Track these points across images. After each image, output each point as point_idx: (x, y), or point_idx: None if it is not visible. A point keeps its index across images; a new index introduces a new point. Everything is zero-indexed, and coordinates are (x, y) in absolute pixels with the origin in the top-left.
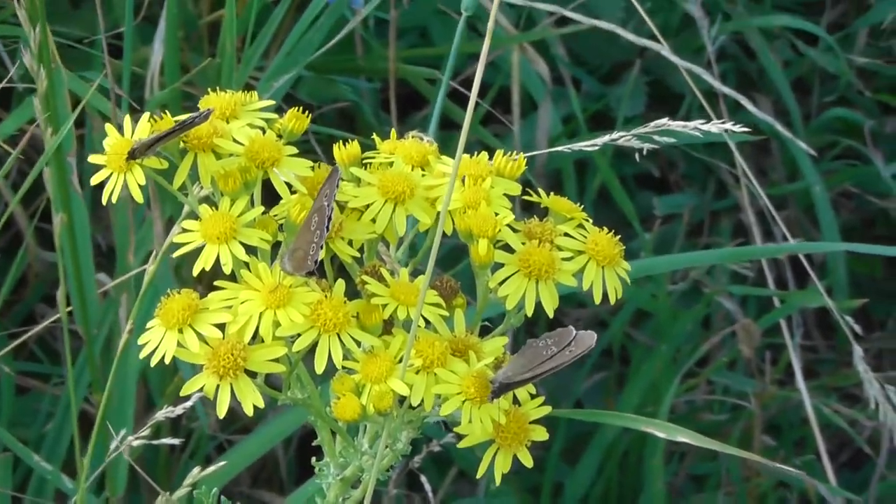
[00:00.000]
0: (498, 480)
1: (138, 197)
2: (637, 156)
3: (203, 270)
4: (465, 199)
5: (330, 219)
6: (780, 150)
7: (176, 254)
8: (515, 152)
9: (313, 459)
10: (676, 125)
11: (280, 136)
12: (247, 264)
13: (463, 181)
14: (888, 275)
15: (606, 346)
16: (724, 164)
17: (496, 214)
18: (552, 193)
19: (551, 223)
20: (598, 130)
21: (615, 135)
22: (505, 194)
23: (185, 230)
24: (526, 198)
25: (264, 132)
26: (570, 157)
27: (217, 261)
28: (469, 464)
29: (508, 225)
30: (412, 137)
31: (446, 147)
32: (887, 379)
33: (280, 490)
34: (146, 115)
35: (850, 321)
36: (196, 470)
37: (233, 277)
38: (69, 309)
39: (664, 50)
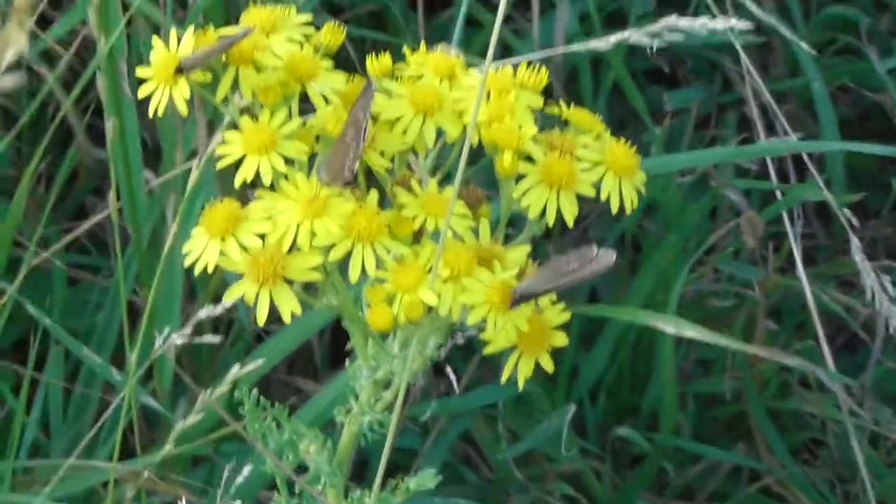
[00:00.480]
0: (521, 385)
1: (183, 110)
2: (648, 52)
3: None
4: (490, 111)
5: (365, 131)
6: (781, 47)
7: (219, 165)
8: (535, 51)
9: (347, 348)
10: (684, 22)
11: (317, 50)
12: (286, 175)
13: (488, 95)
14: (883, 167)
15: (620, 236)
16: (729, 62)
17: (520, 127)
18: (572, 104)
19: (571, 134)
20: (613, 28)
21: (626, 33)
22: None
23: (226, 141)
24: (548, 110)
25: (302, 46)
26: (586, 55)
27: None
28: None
29: (532, 137)
30: (440, 49)
31: (470, 46)
32: (882, 268)
33: (315, 377)
34: (191, 28)
35: (847, 213)
36: (236, 368)
37: (273, 187)
38: (119, 206)
39: None
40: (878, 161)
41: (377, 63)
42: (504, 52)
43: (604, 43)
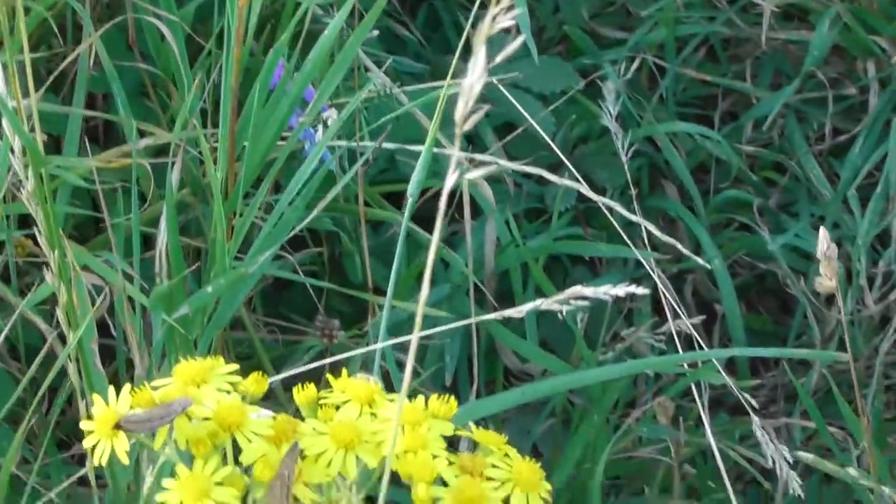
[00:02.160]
0: None
1: (124, 460)
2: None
3: None
4: (405, 444)
5: (290, 490)
6: (686, 229)
7: None
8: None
9: None
10: (588, 292)
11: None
12: None
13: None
14: (777, 320)
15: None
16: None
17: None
18: (481, 428)
19: (481, 456)
20: (538, 221)
21: (539, 302)
22: None
23: (166, 488)
24: (458, 432)
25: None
26: (516, 259)
27: None
28: None
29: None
30: (360, 377)
31: (411, 266)
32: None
33: None
34: (127, 386)
35: (747, 396)
36: None
37: None
38: None
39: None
40: (772, 319)
41: (303, 393)
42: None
43: (516, 311)
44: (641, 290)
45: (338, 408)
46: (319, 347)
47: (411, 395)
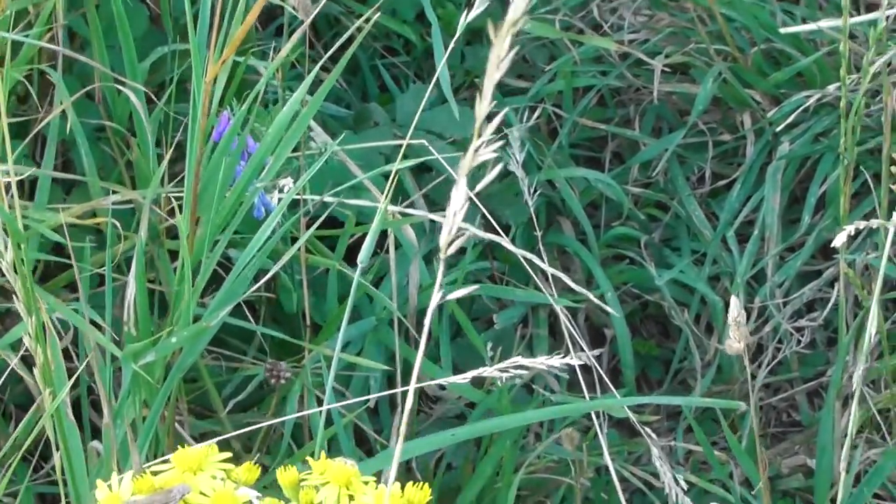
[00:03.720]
0: None
1: None
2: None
3: None
4: None
5: None
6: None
7: None
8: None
9: None
10: (528, 362)
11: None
12: None
13: None
14: (660, 346)
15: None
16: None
17: None
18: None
19: None
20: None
21: (483, 369)
22: None
23: None
24: None
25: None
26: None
27: None
28: None
29: None
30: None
31: None
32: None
33: None
34: (129, 473)
35: (647, 431)
36: None
37: None
38: None
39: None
40: (656, 342)
41: (286, 475)
42: None
43: (462, 378)
44: (576, 362)
45: (317, 489)
46: (260, 377)
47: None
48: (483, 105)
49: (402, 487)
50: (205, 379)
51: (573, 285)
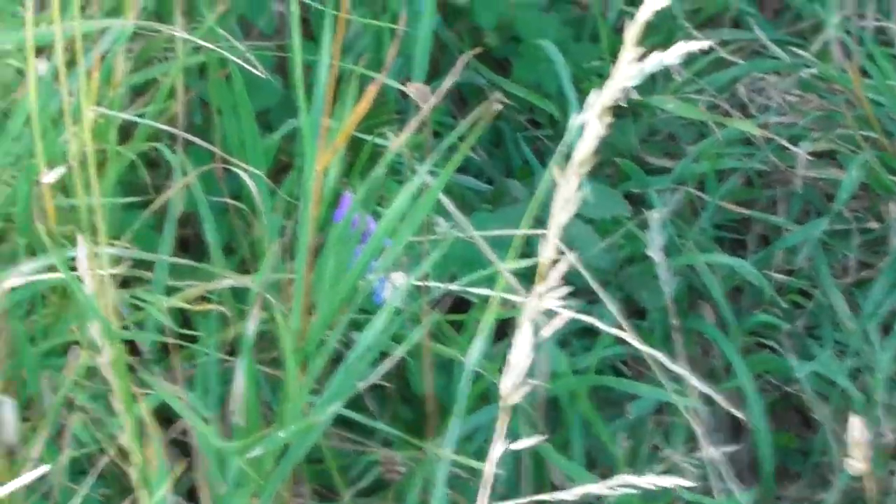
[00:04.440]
0: None
1: None
2: None
3: None
4: None
5: None
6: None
7: None
8: None
9: None
10: (635, 480)
11: None
12: None
13: None
14: (799, 437)
15: None
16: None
17: None
18: None
19: None
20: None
21: (588, 486)
22: None
23: None
24: None
25: None
26: (566, 388)
27: None
28: None
29: None
30: None
31: None
32: None
33: None
34: None
35: None
36: None
37: None
38: None
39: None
40: (795, 433)
41: None
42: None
43: (569, 494)
44: (686, 483)
45: None
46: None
47: None
48: (548, 247)
49: None
50: (328, 463)
51: (699, 385)
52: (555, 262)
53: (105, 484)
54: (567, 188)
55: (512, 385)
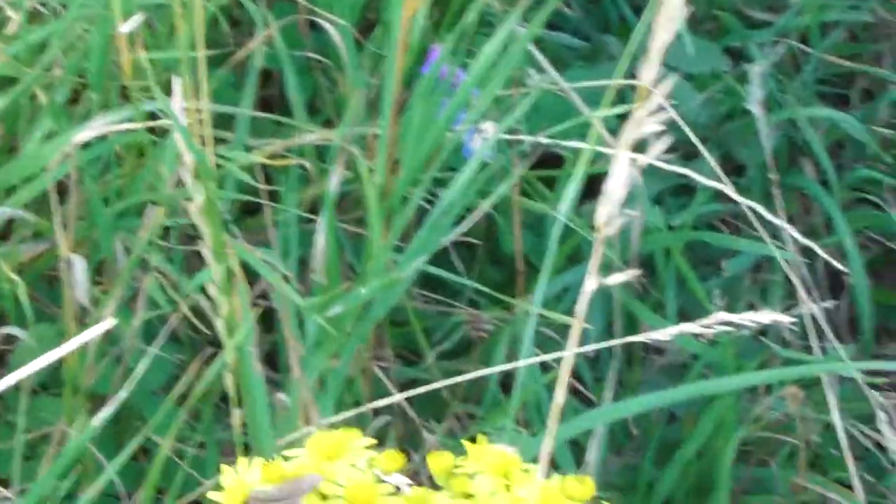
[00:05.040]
0: None
1: None
2: None
3: None
4: None
5: None
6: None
7: None
8: None
9: None
10: (733, 318)
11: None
12: None
13: None
14: None
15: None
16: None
17: None
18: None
19: None
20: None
21: (683, 326)
22: None
23: None
24: None
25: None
26: (661, 244)
27: None
28: None
29: None
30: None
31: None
32: None
33: None
34: (259, 461)
35: (875, 395)
36: None
37: None
38: None
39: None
40: None
41: (439, 461)
42: None
43: (662, 334)
44: (787, 319)
45: (473, 477)
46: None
47: None
48: (650, 71)
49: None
50: (413, 323)
51: (799, 237)
52: (652, 111)
53: (177, 347)
54: (670, 5)
55: (607, 214)
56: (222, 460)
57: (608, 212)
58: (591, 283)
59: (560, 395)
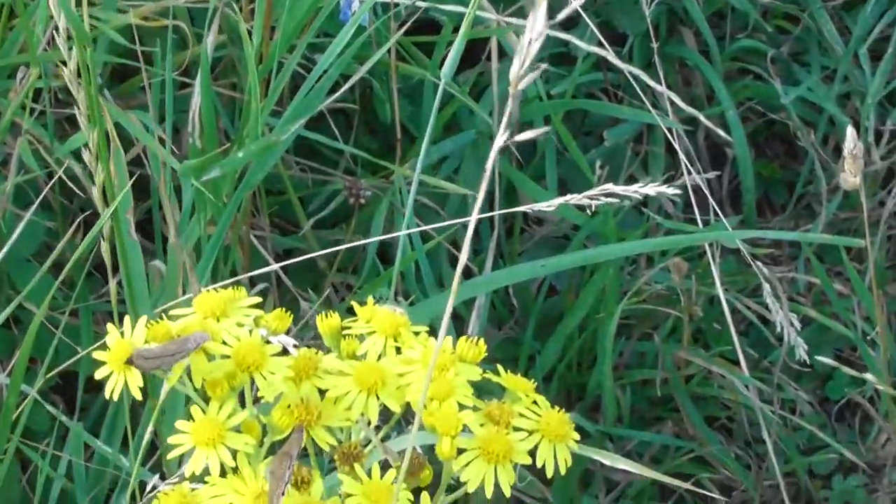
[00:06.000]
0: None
1: (137, 394)
2: None
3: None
4: (431, 391)
5: (291, 470)
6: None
7: (170, 456)
8: None
9: None
10: (619, 189)
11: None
12: (235, 468)
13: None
14: (784, 165)
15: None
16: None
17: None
18: (509, 371)
19: (508, 404)
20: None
21: (568, 196)
22: None
23: (178, 430)
24: (486, 376)
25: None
26: (540, 112)
27: None
28: None
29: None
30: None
31: None
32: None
33: None
34: (143, 318)
35: (759, 266)
36: None
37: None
38: None
39: None
40: (780, 164)
41: (327, 322)
42: None
43: (547, 206)
44: (672, 191)
45: (362, 339)
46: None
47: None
48: None
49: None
50: (289, 191)
51: (683, 105)
52: None
53: (50, 215)
54: None
55: (520, 69)
56: (97, 329)
57: (520, 67)
58: (499, 140)
59: (463, 255)
